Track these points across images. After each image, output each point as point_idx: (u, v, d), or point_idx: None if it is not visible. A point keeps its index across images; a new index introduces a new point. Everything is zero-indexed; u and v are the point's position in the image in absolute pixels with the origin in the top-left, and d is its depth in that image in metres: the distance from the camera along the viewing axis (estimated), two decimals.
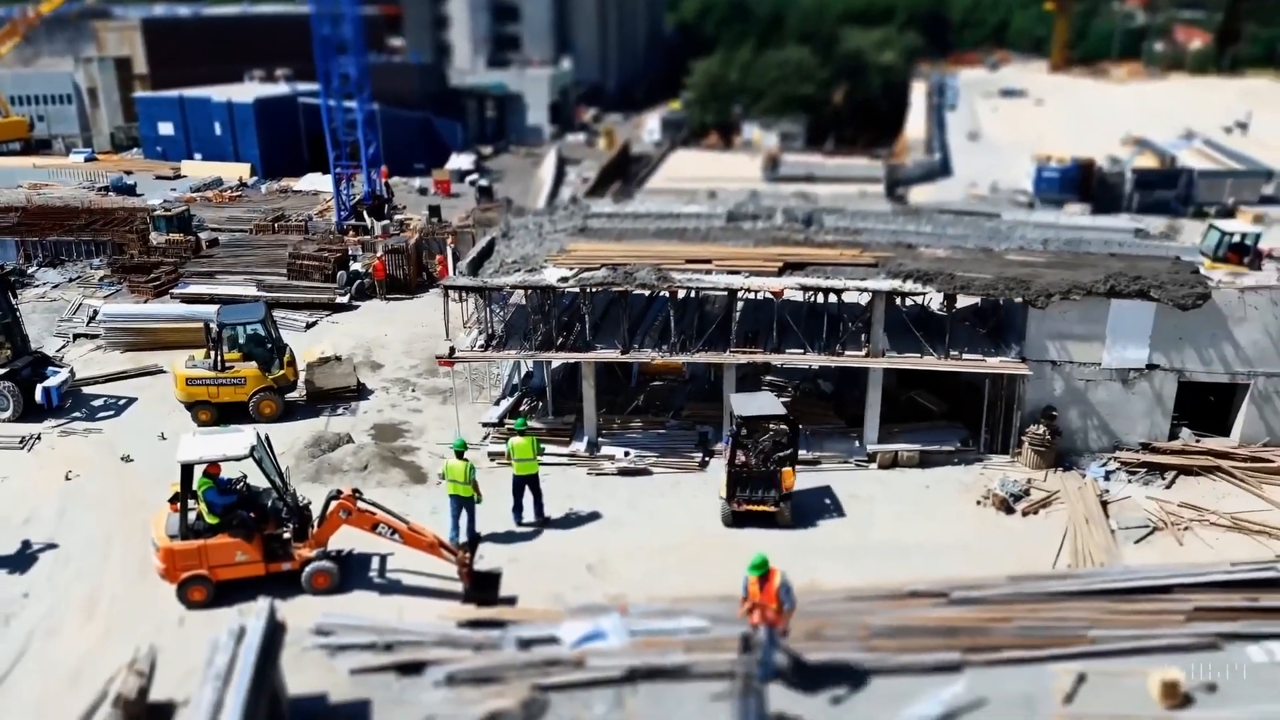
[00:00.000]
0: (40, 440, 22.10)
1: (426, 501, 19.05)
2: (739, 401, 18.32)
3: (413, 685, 13.79)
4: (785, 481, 17.54)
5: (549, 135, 51.36)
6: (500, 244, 21.20)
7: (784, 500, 17.67)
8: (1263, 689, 13.52)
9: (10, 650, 15.18)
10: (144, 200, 39.49)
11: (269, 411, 22.19)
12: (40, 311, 29.45)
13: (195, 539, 15.72)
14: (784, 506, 17.69)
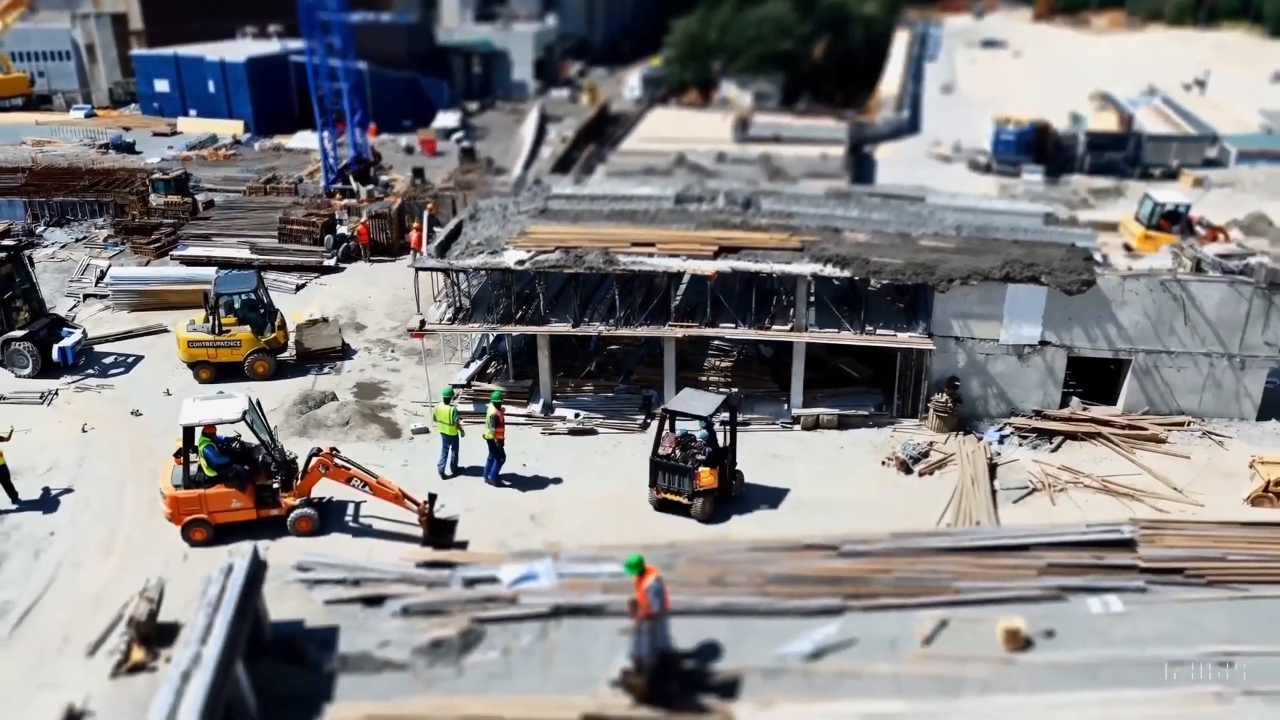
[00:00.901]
0: (58, 395, 25.10)
1: (400, 455, 22.02)
2: (681, 398, 19.73)
3: (374, 615, 16.80)
4: (702, 480, 18.91)
5: (533, 91, 52.91)
6: (468, 225, 23.85)
7: (699, 496, 19.02)
8: (1094, 636, 16.23)
9: (41, 580, 18.27)
10: (143, 159, 42.07)
11: (262, 371, 25.11)
12: (51, 271, 32.29)
13: (196, 489, 18.73)
14: (698, 503, 19.02)
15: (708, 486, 18.89)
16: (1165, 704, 14.14)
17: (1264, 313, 20.67)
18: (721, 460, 19.26)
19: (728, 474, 19.48)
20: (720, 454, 19.31)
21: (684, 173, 35.14)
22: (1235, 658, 15.61)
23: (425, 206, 33.30)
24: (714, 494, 19.02)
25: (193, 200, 35.10)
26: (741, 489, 20.00)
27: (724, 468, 19.28)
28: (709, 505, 18.99)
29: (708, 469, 18.88)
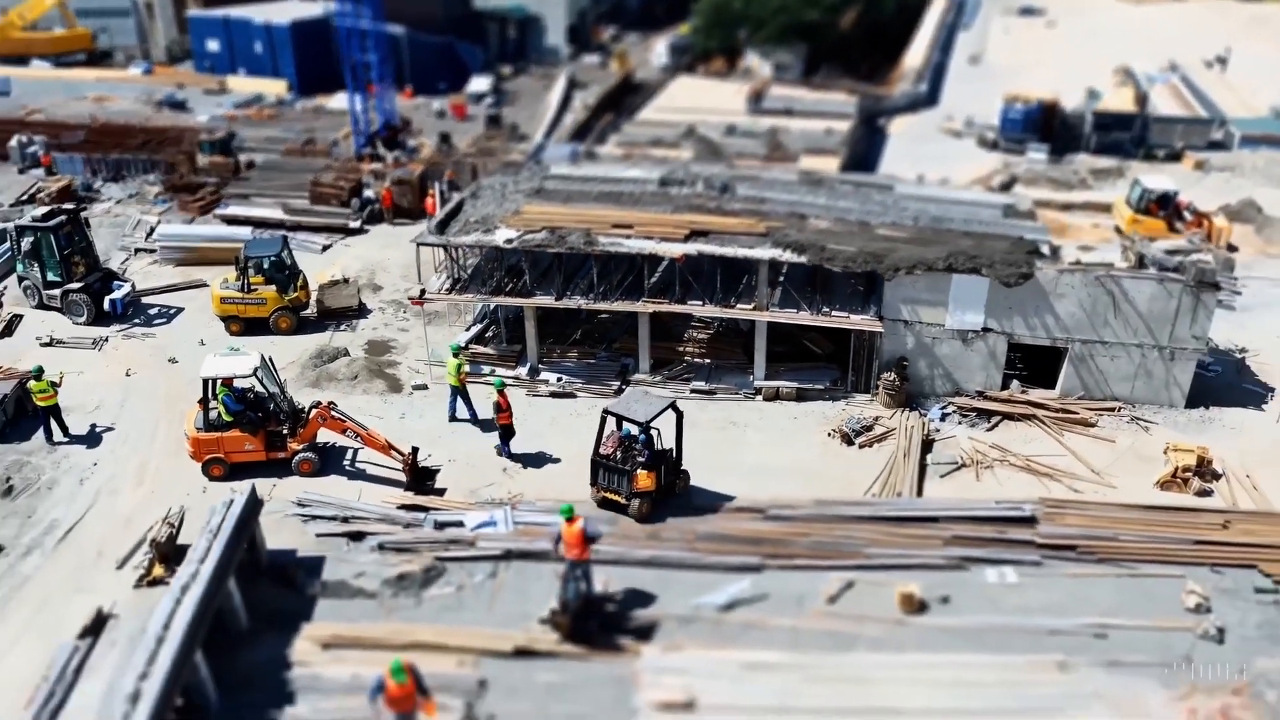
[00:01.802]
0: (107, 342, 28.46)
1: (399, 409, 24.93)
2: (624, 399, 20.81)
3: (356, 549, 19.83)
4: (640, 482, 19.79)
5: (566, 57, 54.57)
6: (469, 203, 26.42)
7: (636, 498, 19.95)
8: (986, 603, 18.46)
9: (84, 503, 21.61)
10: (193, 116, 45.33)
11: (285, 326, 28.15)
12: (106, 226, 35.68)
13: (215, 432, 21.86)
14: (635, 503, 19.97)
15: (645, 489, 19.89)
16: (1013, 669, 16.36)
17: (1191, 309, 22.43)
18: (661, 462, 20.20)
19: (667, 475, 20.36)
20: (659, 456, 20.25)
21: (691, 144, 37.04)
22: (1110, 630, 17.88)
23: (444, 173, 36.03)
24: (651, 495, 20.02)
25: (235, 161, 38.24)
26: (686, 487, 21.03)
27: (662, 470, 20.17)
28: (646, 506, 20.06)
29: (645, 471, 19.83)
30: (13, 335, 28.92)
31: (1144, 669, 16.89)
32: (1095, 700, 15.67)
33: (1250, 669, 17.03)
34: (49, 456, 23.29)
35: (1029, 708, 15.35)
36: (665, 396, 20.85)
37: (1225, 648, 17.50)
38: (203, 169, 37.85)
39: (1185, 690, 16.77)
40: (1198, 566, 19.25)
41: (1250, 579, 18.99)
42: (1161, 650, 17.44)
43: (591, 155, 36.38)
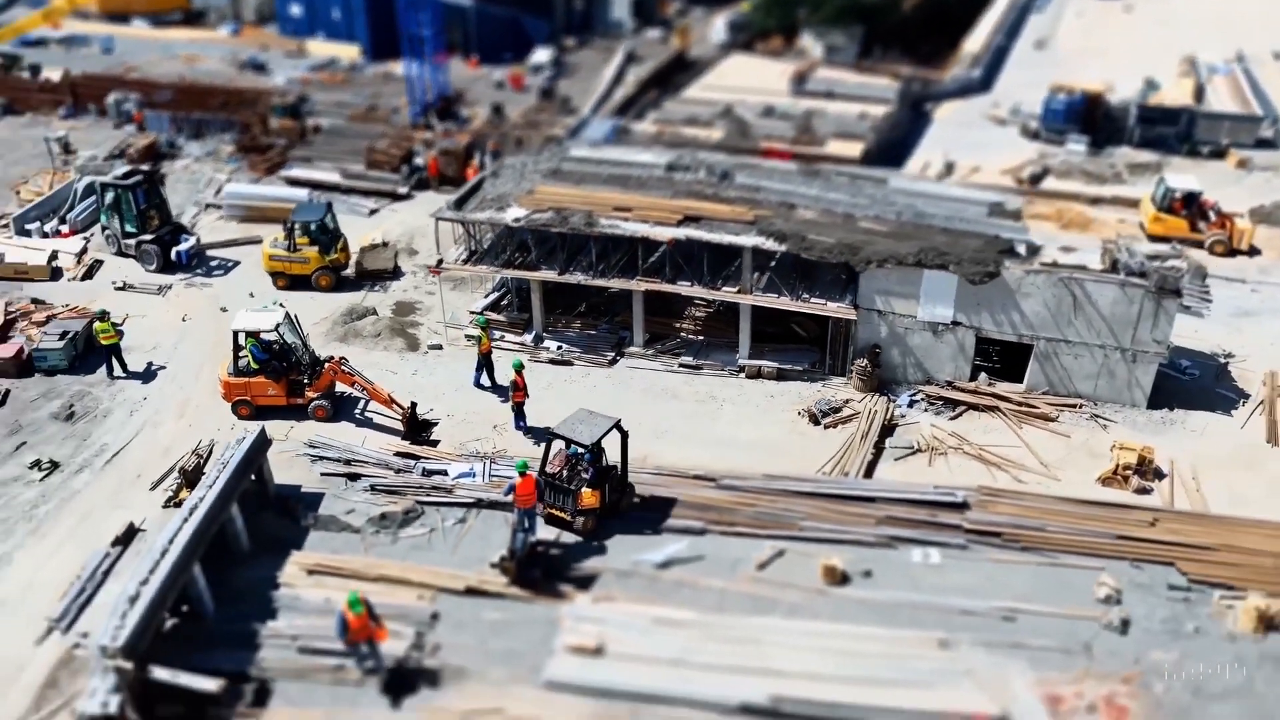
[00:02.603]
0: (170, 289, 32.04)
1: (413, 366, 27.78)
2: (570, 421, 21.30)
3: (351, 489, 22.77)
4: (584, 501, 20.77)
5: (629, 30, 56.09)
6: (489, 181, 28.92)
7: (581, 515, 20.89)
8: (906, 580, 20.35)
9: (130, 431, 25.09)
10: (271, 78, 48.92)
11: (325, 284, 31.24)
12: (183, 181, 39.46)
13: (243, 377, 25.03)
14: (579, 520, 20.91)
15: (589, 506, 20.89)
16: (897, 643, 18.20)
17: (1153, 314, 23.59)
18: (604, 480, 21.15)
19: (611, 493, 21.26)
20: (603, 474, 21.18)
21: (724, 125, 38.64)
22: (1020, 614, 19.59)
23: (488, 144, 38.62)
24: (595, 512, 20.98)
25: (302, 125, 41.54)
26: (631, 503, 21.81)
27: (606, 488, 21.09)
28: (590, 522, 21.03)
29: (589, 490, 20.85)
30: (92, 279, 32.79)
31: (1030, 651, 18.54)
32: (964, 677, 17.44)
33: (1145, 660, 18.61)
34: (107, 389, 26.91)
35: (901, 679, 17.22)
36: (609, 417, 21.47)
37: (1127, 639, 19.04)
38: (273, 131, 41.28)
39: (1077, 675, 18.52)
40: (1119, 561, 20.81)
41: (1167, 576, 20.42)
42: (1065, 636, 19.06)
43: (626, 131, 38.42)
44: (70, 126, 45.26)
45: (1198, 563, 20.61)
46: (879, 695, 16.67)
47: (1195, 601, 19.92)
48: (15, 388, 26.98)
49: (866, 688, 16.89)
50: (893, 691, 16.82)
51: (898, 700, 16.62)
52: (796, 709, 16.55)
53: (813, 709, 16.52)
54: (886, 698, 16.66)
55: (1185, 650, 18.89)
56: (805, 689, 16.75)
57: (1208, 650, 18.84)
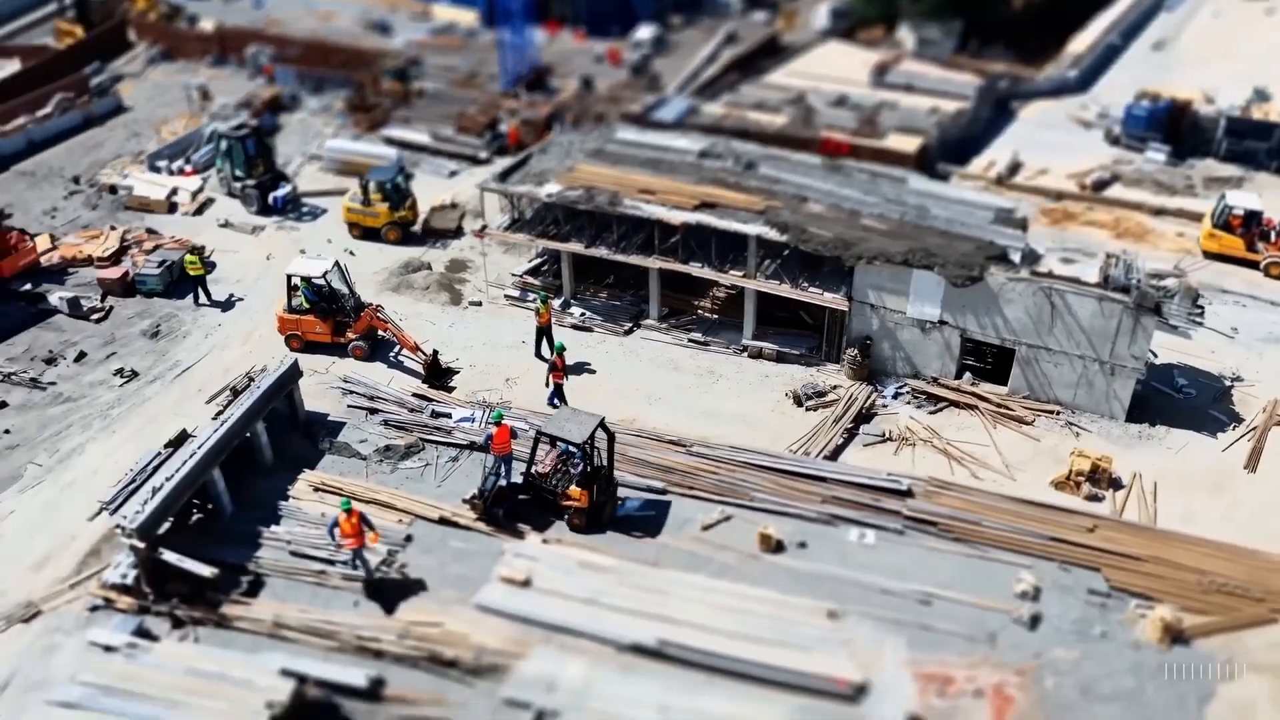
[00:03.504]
0: (263, 230, 36.26)
1: (451, 319, 30.93)
2: (558, 419, 23.01)
3: (369, 421, 26.14)
4: (572, 496, 22.31)
5: (736, 11, 56.75)
6: (537, 156, 31.69)
7: (570, 511, 22.39)
8: (835, 555, 22.32)
9: (202, 351, 29.37)
10: (391, 40, 52.96)
11: (393, 238, 34.78)
12: (296, 133, 43.82)
13: (295, 315, 28.73)
14: (569, 516, 22.46)
15: (577, 502, 22.39)
16: (792, 609, 20.20)
17: (1130, 330, 24.43)
18: (594, 480, 22.43)
19: (599, 494, 22.48)
20: (593, 474, 22.47)
21: (789, 112, 40.00)
22: (936, 599, 21.30)
23: (566, 117, 41.31)
24: (584, 511, 22.42)
25: (407, 88, 45.20)
26: (613, 513, 23.02)
27: (595, 488, 22.38)
28: (579, 519, 22.50)
29: (578, 488, 22.33)
30: (201, 215, 37.38)
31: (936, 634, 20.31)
32: (842, 647, 19.34)
33: (1045, 656, 20.10)
34: (191, 314, 31.24)
35: (780, 640, 19.22)
36: (594, 416, 22.74)
37: (1034, 634, 20.53)
38: (382, 92, 45.12)
39: (975, 661, 20.18)
40: (1049, 561, 22.17)
41: (1091, 581, 21.72)
42: (973, 625, 20.74)
43: (696, 112, 40.32)
44: (213, 75, 50.42)
45: (1123, 571, 21.82)
46: (754, 650, 18.84)
47: (1111, 608, 21.19)
48: (118, 305, 31.64)
49: (746, 643, 19.07)
50: (769, 649, 18.94)
51: (771, 657, 18.74)
52: (678, 653, 18.91)
53: (692, 655, 18.85)
54: (761, 654, 18.81)
55: (1087, 652, 20.27)
56: (690, 637, 19.09)
57: (1109, 655, 20.18)
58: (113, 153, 42.77)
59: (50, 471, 24.88)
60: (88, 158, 42.56)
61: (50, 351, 29.19)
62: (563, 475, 22.93)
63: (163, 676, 18.82)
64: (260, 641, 20.15)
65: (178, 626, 20.48)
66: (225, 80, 50.12)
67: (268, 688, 18.42)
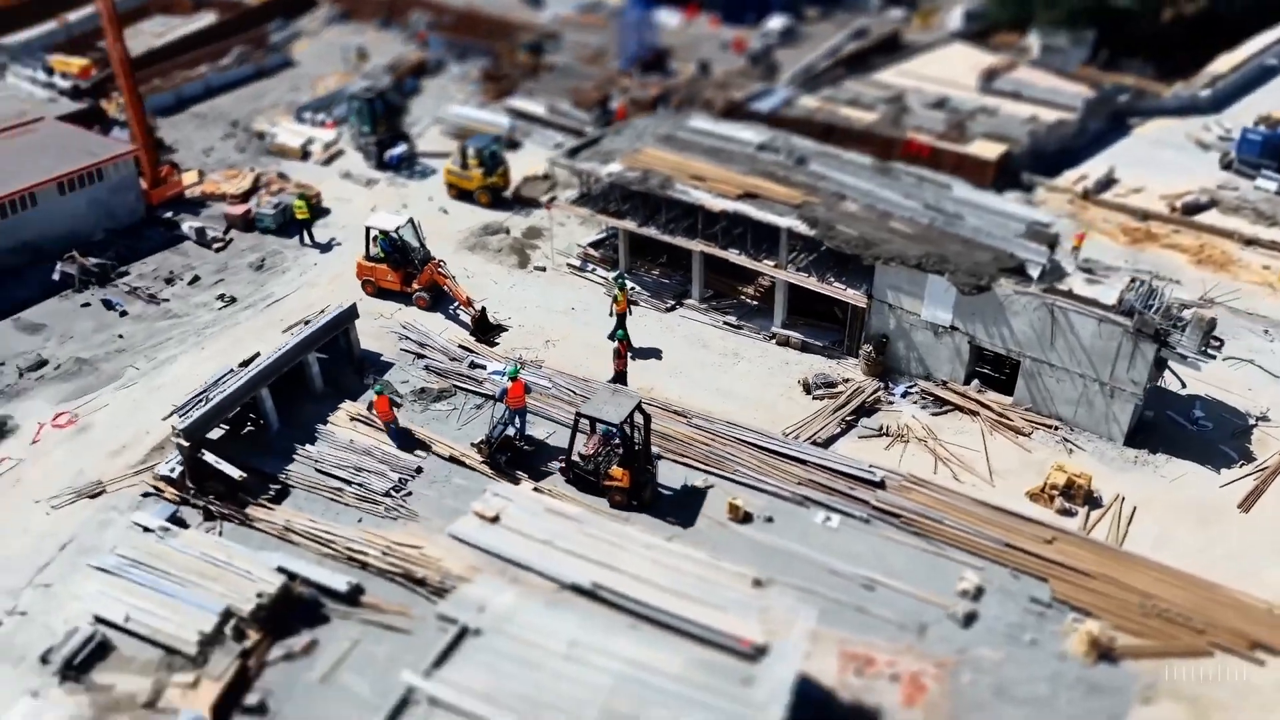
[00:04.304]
0: (376, 184, 40.09)
1: (513, 280, 33.74)
2: (596, 400, 24.23)
3: (414, 365, 29.23)
4: (614, 476, 23.80)
5: (874, 6, 56.27)
6: (609, 136, 33.92)
7: (610, 490, 24.02)
8: (798, 533, 23.92)
9: (294, 287, 33.40)
10: (539, 13, 56.08)
11: (484, 201, 37.93)
12: (434, 97, 47.68)
13: (371, 263, 32.17)
14: (611, 495, 24.06)
15: (619, 482, 23.98)
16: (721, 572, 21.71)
17: (1130, 354, 24.64)
18: (633, 461, 23.92)
19: (637, 474, 23.87)
20: (631, 454, 23.93)
21: (880, 111, 40.40)
22: (879, 586, 22.62)
23: (672, 100, 43.26)
24: (626, 490, 23.99)
25: (538, 62, 48.23)
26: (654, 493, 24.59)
27: (635, 468, 23.83)
28: (620, 498, 24.17)
29: (619, 468, 23.88)
30: (329, 165, 41.62)
31: (868, 618, 21.74)
32: (756, 611, 20.73)
33: (969, 653, 21.18)
34: (294, 252, 35.37)
35: (701, 597, 20.83)
36: (632, 397, 24.30)
37: (965, 632, 21.62)
38: (516, 63, 48.33)
39: (900, 648, 21.45)
40: (1001, 566, 23.03)
41: (1037, 590, 22.49)
42: (908, 614, 22.00)
43: (790, 104, 41.35)
44: (376, 38, 55.05)
45: (1070, 585, 22.48)
46: (674, 602, 20.60)
47: (1049, 618, 21.93)
48: (237, 238, 36.07)
49: (669, 595, 20.88)
50: (688, 603, 20.69)
51: (687, 611, 20.46)
52: (608, 596, 20.97)
53: (619, 600, 20.84)
54: (680, 606, 20.57)
55: (1012, 655, 21.19)
56: (622, 583, 21.11)
57: (1032, 661, 21.04)
58: (271, 103, 47.86)
59: (145, 375, 29.21)
60: (250, 105, 47.80)
61: (171, 273, 33.83)
62: (605, 456, 24.55)
63: (181, 558, 22.37)
64: (270, 541, 23.54)
65: (209, 519, 24.15)
66: (385, 43, 54.69)
67: (262, 580, 21.71)
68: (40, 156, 35.26)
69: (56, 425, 27.25)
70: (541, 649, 18.78)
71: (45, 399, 28.16)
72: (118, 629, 21.07)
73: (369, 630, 21.53)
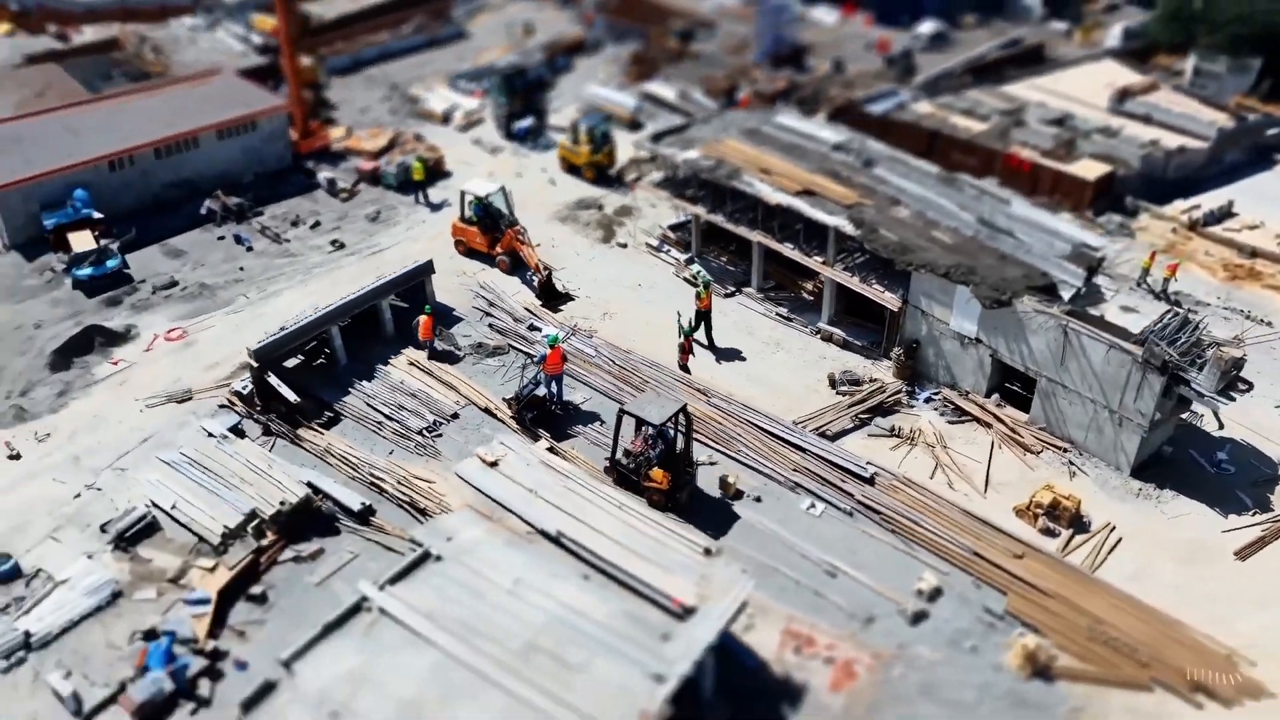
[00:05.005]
0: (501, 153, 43.41)
1: (593, 254, 36.15)
2: (641, 400, 25.55)
3: (482, 319, 32.15)
4: (654, 478, 24.65)
5: (1036, 17, 54.08)
6: (698, 124, 35.70)
7: (650, 491, 24.82)
8: (782, 516, 25.02)
9: (398, 240, 37.00)
10: (699, 4, 58.02)
11: (589, 176, 40.72)
12: (583, 75, 50.63)
13: (464, 225, 35.38)
14: (649, 495, 24.80)
15: (658, 484, 24.91)
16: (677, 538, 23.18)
17: (1138, 384, 24.58)
18: (675, 462, 24.75)
19: (678, 475, 24.73)
20: (672, 456, 24.81)
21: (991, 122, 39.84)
22: (841, 574, 23.84)
23: (792, 97, 44.40)
24: (664, 492, 24.84)
25: (683, 49, 50.31)
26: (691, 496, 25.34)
27: (676, 469, 24.67)
28: (658, 498, 24.89)
29: (660, 470, 24.77)
30: (466, 131, 45.36)
31: (822, 601, 23.02)
32: (697, 576, 22.22)
33: (907, 649, 22.14)
34: (408, 209, 39.26)
35: (649, 556, 22.39)
36: (677, 401, 25.58)
37: (911, 629, 22.56)
38: (665, 49, 50.64)
39: (843, 634, 22.64)
40: (966, 574, 23.75)
41: (993, 601, 23.12)
42: (859, 604, 23.05)
43: (902, 107, 41.53)
44: (548, 17, 58.61)
45: (1027, 601, 22.98)
46: (622, 556, 22.58)
47: (998, 629, 22.53)
48: (364, 191, 40.13)
49: (620, 550, 22.86)
50: (635, 560, 22.61)
51: (632, 566, 22.42)
52: (568, 544, 23.21)
53: (575, 547, 23.04)
54: (626, 561, 22.53)
55: (949, 658, 21.96)
56: (582, 534, 23.30)
57: (966, 667, 21.72)
58: (434, 71, 52.17)
59: (252, 304, 33.51)
60: (415, 72, 52.30)
61: (298, 216, 38.24)
62: (647, 457, 25.31)
63: (230, 462, 26.14)
64: (310, 460, 26.95)
65: (266, 434, 27.87)
66: (556, 21, 58.12)
67: (290, 490, 25.11)
68: (208, 105, 40.49)
69: (168, 338, 31.84)
70: (490, 582, 20.98)
71: (166, 315, 32.89)
72: (165, 514, 25.01)
73: (370, 547, 24.45)
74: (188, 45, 52.14)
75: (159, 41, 51.69)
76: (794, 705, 21.11)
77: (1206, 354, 24.93)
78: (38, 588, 23.24)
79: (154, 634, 22.09)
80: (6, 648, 21.72)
